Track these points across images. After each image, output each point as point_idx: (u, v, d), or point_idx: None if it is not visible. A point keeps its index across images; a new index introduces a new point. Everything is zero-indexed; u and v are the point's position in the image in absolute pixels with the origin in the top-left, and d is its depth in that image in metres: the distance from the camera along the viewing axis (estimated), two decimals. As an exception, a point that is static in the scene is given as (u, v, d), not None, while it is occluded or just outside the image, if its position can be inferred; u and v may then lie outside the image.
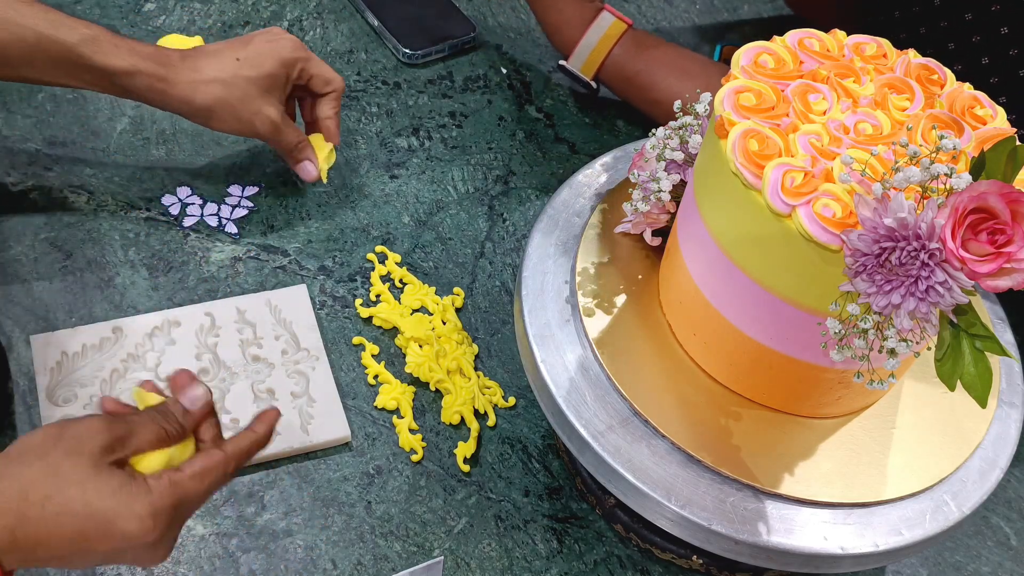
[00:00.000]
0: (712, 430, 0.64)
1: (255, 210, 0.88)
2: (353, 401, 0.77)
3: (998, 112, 0.61)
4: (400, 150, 0.96)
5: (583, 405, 0.64)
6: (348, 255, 0.87)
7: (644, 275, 0.72)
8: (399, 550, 0.71)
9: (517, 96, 1.04)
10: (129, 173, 0.89)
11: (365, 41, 1.05)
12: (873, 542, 0.61)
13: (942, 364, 0.52)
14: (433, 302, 0.84)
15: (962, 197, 0.49)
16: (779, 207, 0.55)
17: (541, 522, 0.73)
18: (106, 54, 0.76)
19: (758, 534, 0.60)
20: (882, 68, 0.63)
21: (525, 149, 0.99)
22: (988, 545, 0.78)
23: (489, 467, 0.76)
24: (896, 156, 0.55)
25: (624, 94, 0.99)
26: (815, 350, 0.58)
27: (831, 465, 0.64)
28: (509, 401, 0.79)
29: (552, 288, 0.70)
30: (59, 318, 0.78)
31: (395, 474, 0.74)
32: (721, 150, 0.58)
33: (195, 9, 1.04)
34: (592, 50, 0.96)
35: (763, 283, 0.59)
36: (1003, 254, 0.49)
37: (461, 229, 0.91)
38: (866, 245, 0.51)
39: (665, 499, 0.61)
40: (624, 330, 0.68)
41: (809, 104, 0.60)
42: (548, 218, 0.74)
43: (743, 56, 0.62)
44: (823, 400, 0.64)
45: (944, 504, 0.63)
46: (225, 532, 0.70)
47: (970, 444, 0.66)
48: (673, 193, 0.68)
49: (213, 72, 0.79)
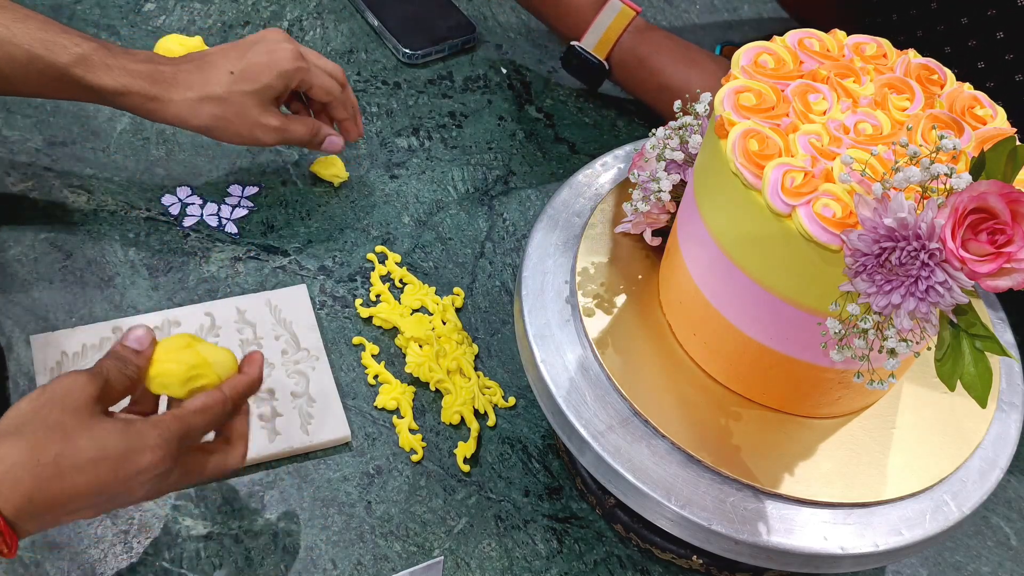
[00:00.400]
0: (712, 430, 0.64)
1: (255, 210, 0.88)
2: (353, 401, 0.77)
3: (998, 112, 0.61)
4: (400, 150, 0.96)
5: (583, 405, 0.64)
6: (348, 255, 0.87)
7: (644, 275, 0.72)
8: (399, 550, 0.71)
9: (517, 96, 1.04)
10: (129, 173, 0.89)
11: (365, 41, 1.05)
12: (873, 542, 0.61)
13: (942, 364, 0.52)
14: (433, 302, 0.84)
15: (962, 197, 0.49)
16: (779, 207, 0.55)
17: (541, 522, 0.73)
18: (98, 74, 0.75)
19: (758, 534, 0.60)
20: (882, 68, 0.63)
21: (525, 149, 0.99)
22: (988, 545, 0.78)
23: (489, 467, 0.76)
24: (896, 156, 0.55)
25: (631, 79, 0.98)
26: (815, 350, 0.58)
27: (831, 465, 0.64)
28: (509, 401, 0.79)
29: (552, 288, 0.70)
30: (59, 318, 0.78)
31: (395, 474, 0.74)
32: (721, 150, 0.58)
33: (195, 9, 1.04)
34: (605, 30, 0.96)
35: (763, 283, 0.59)
36: (1003, 254, 0.49)
37: (461, 229, 0.91)
38: (866, 245, 0.51)
39: (665, 499, 0.61)
40: (624, 330, 0.68)
41: (809, 104, 0.60)
42: (548, 218, 0.74)
43: (743, 56, 0.62)
44: (823, 400, 0.64)
45: (944, 504, 0.63)
46: (225, 532, 0.70)
47: (970, 444, 0.66)
48: (673, 193, 0.68)
49: (207, 89, 0.78)
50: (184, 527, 0.69)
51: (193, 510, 0.70)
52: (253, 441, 0.72)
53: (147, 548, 0.68)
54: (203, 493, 0.71)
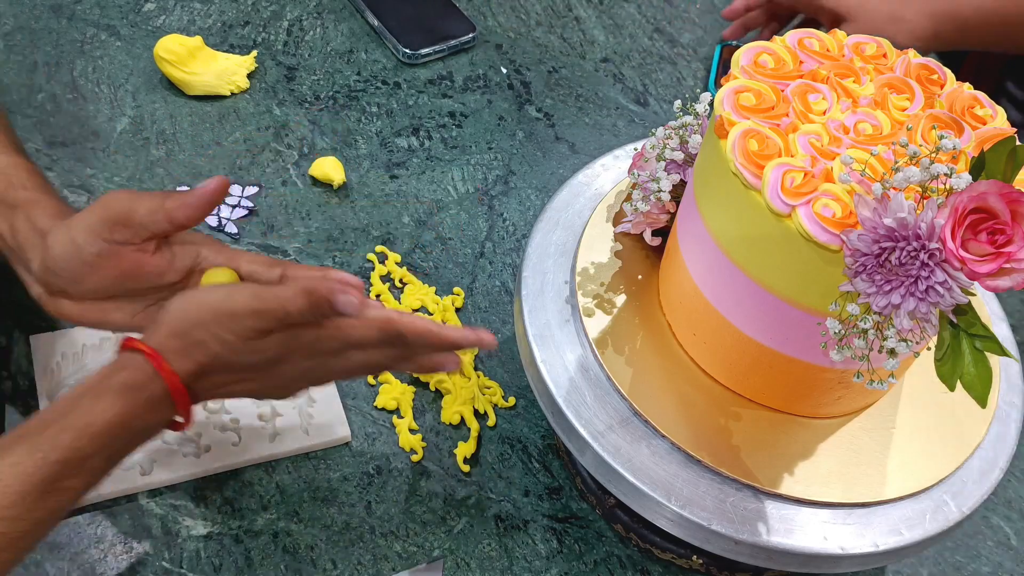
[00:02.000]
0: (712, 430, 0.64)
1: (255, 210, 0.88)
2: (353, 401, 0.77)
3: (998, 112, 0.61)
4: (400, 150, 0.96)
5: (583, 405, 0.64)
6: (348, 255, 0.87)
7: (644, 275, 0.72)
8: (399, 550, 0.71)
9: (517, 96, 1.04)
10: (129, 173, 0.89)
11: (365, 41, 1.05)
12: (873, 542, 0.61)
13: (942, 364, 0.52)
14: (433, 302, 0.84)
15: (962, 197, 0.49)
16: (779, 207, 0.55)
17: (541, 522, 0.73)
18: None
19: (758, 534, 0.60)
20: (882, 68, 0.63)
21: (525, 149, 0.99)
22: (988, 545, 0.78)
23: (489, 467, 0.76)
24: (896, 156, 0.55)
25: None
26: (815, 350, 0.58)
27: (831, 465, 0.64)
28: (509, 401, 0.79)
29: (552, 288, 0.70)
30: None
31: (395, 474, 0.74)
32: (721, 150, 0.58)
33: (195, 9, 1.04)
34: None
35: (763, 283, 0.59)
36: (1003, 254, 0.49)
37: (461, 229, 0.91)
38: (866, 245, 0.51)
39: (665, 499, 0.61)
40: (624, 330, 0.68)
41: (809, 104, 0.60)
42: (548, 218, 0.74)
43: (743, 56, 0.62)
44: (823, 400, 0.64)
45: (944, 504, 0.63)
46: (225, 532, 0.70)
47: (970, 444, 0.66)
48: (673, 193, 0.68)
49: None
50: (184, 527, 0.69)
51: (193, 510, 0.70)
52: (253, 441, 0.73)
53: (147, 548, 0.68)
54: (203, 493, 0.71)
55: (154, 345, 0.57)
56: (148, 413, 0.56)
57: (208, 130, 0.94)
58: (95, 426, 0.54)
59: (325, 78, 1.01)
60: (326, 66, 1.02)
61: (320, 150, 0.94)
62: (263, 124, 0.95)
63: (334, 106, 0.98)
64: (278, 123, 0.96)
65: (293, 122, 0.96)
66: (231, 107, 0.96)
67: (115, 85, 0.96)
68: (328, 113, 0.98)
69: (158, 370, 0.56)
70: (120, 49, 0.99)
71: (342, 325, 0.59)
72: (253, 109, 0.96)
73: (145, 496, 0.70)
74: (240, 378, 0.60)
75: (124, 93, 0.95)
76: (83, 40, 0.99)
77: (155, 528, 0.69)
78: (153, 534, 0.69)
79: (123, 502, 0.69)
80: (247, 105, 0.97)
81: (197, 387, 0.58)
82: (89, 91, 0.95)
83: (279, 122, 0.96)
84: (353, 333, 0.60)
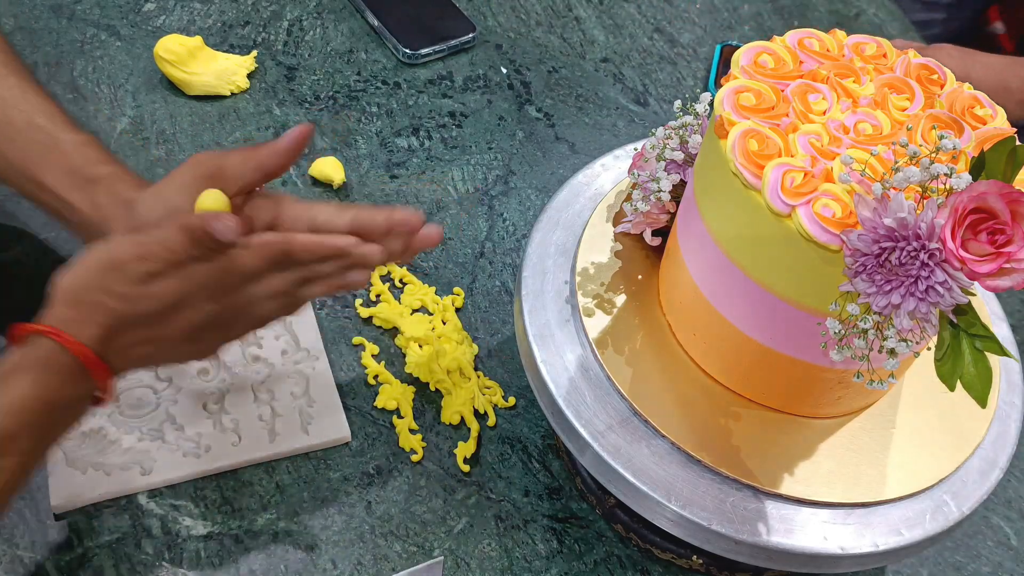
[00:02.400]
0: (712, 430, 0.64)
1: (255, 210, 0.88)
2: (353, 401, 0.77)
3: (998, 112, 0.61)
4: (400, 150, 0.96)
5: (583, 405, 0.64)
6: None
7: (644, 275, 0.72)
8: (399, 550, 0.71)
9: (517, 96, 1.04)
10: (129, 173, 0.89)
11: (365, 41, 1.05)
12: (873, 542, 0.61)
13: (942, 364, 0.52)
14: (433, 302, 0.84)
15: (962, 197, 0.49)
16: (779, 207, 0.55)
17: (541, 522, 0.73)
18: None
19: (758, 534, 0.60)
20: (882, 68, 0.63)
21: (525, 149, 0.99)
22: (988, 545, 0.78)
23: (489, 467, 0.76)
24: (896, 156, 0.55)
25: None
26: (815, 350, 0.58)
27: (831, 465, 0.64)
28: (509, 401, 0.79)
29: (552, 288, 0.70)
30: (59, 318, 0.78)
31: (395, 474, 0.74)
32: (721, 150, 0.58)
33: (195, 9, 1.04)
34: None
35: (763, 283, 0.59)
36: (1003, 254, 0.49)
37: (461, 229, 0.91)
38: (866, 245, 0.51)
39: (665, 499, 0.61)
40: (624, 330, 0.68)
41: (809, 104, 0.60)
42: (548, 218, 0.74)
43: (743, 56, 0.62)
44: (823, 400, 0.64)
45: (944, 504, 0.63)
46: (225, 532, 0.70)
47: (970, 444, 0.66)
48: (673, 193, 0.68)
49: None
50: (184, 527, 0.69)
51: (193, 510, 0.70)
52: (253, 441, 0.73)
53: (147, 548, 0.68)
54: (203, 493, 0.71)
55: (50, 322, 0.56)
56: (65, 387, 0.56)
57: (208, 130, 0.94)
58: (15, 404, 0.54)
59: (325, 78, 1.01)
60: (326, 66, 1.02)
61: (320, 150, 0.94)
62: (263, 124, 0.95)
63: (334, 106, 0.98)
64: (278, 123, 0.96)
65: (293, 122, 0.96)
66: (231, 107, 0.96)
67: (115, 85, 0.96)
68: (328, 113, 0.98)
69: (63, 344, 0.55)
70: (120, 49, 0.99)
71: (232, 256, 0.58)
72: (253, 109, 0.96)
73: (145, 496, 0.70)
74: (149, 335, 0.58)
75: (124, 93, 0.95)
76: (83, 40, 0.99)
77: (155, 528, 0.69)
78: (153, 534, 0.69)
79: (123, 502, 0.69)
80: (247, 105, 0.97)
81: (109, 353, 0.57)
82: (89, 91, 0.95)
83: (279, 122, 0.96)
84: (244, 263, 0.59)
